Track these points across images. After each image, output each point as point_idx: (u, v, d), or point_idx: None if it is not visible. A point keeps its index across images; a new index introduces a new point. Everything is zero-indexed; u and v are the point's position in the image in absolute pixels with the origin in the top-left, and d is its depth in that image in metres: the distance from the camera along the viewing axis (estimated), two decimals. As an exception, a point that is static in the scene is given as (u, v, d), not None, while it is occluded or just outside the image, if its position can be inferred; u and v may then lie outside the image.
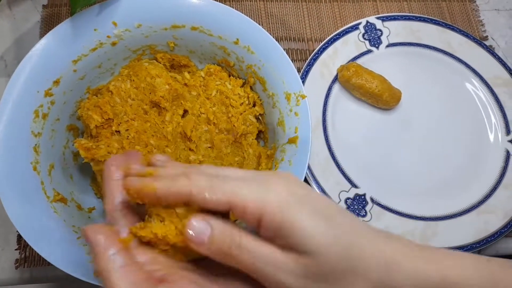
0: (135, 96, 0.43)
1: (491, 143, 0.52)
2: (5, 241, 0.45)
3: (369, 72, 0.52)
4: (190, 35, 0.45)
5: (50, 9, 0.56)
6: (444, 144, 0.52)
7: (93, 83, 0.46)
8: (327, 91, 0.53)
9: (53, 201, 0.39)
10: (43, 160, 0.40)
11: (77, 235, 0.37)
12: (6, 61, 0.53)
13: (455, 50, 0.56)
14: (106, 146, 0.41)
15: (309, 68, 0.52)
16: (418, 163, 0.51)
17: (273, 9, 0.59)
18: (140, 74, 0.44)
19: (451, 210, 0.49)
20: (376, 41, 0.55)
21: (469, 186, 0.50)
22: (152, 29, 0.45)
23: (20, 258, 0.44)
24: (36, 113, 0.40)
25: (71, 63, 0.42)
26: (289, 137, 0.42)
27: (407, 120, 0.53)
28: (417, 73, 0.55)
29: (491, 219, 0.48)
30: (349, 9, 0.60)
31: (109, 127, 0.42)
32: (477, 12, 0.61)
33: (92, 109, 0.42)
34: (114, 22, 0.43)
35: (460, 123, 0.53)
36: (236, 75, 0.48)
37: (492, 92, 0.54)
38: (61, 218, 0.38)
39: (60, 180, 0.42)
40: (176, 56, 0.48)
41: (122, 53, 0.46)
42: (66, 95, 0.43)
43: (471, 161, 0.52)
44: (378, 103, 0.52)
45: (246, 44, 0.44)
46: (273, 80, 0.44)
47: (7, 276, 0.44)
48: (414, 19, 0.57)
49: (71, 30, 0.42)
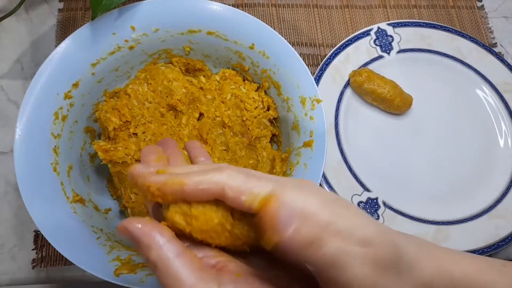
0: (152, 99, 0.44)
1: (501, 149, 0.53)
2: (22, 241, 0.46)
3: (381, 78, 0.52)
4: (206, 39, 0.46)
5: (66, 13, 0.57)
6: (454, 149, 0.53)
7: (110, 86, 0.47)
8: (339, 96, 0.53)
9: (72, 202, 0.39)
10: (62, 161, 0.41)
11: (97, 235, 0.38)
12: (23, 63, 0.54)
13: (465, 56, 0.56)
14: (123, 148, 0.42)
15: (321, 73, 0.53)
16: (429, 167, 0.52)
17: (285, 14, 0.59)
18: (157, 77, 0.45)
19: (462, 214, 0.49)
20: (387, 47, 0.56)
21: (480, 191, 0.51)
22: (169, 33, 0.45)
23: (37, 258, 0.45)
24: (56, 115, 0.41)
25: (90, 66, 0.43)
26: (305, 141, 0.42)
27: (418, 125, 0.54)
28: (428, 79, 0.56)
29: (502, 224, 0.49)
30: (360, 15, 0.60)
31: (127, 129, 0.43)
32: (486, 19, 0.62)
33: (111, 112, 0.43)
34: (133, 27, 0.44)
35: (470, 129, 0.54)
36: (250, 79, 0.48)
37: (502, 98, 0.55)
38: (80, 219, 0.38)
39: (78, 181, 0.42)
40: (191, 60, 0.49)
41: (139, 57, 0.47)
42: (84, 98, 0.44)
43: (482, 166, 0.52)
44: (389, 108, 0.53)
45: (261, 49, 0.45)
46: (288, 84, 0.45)
47: (24, 276, 0.44)
48: (424, 25, 0.57)
49: (91, 34, 0.42)
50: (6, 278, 0.44)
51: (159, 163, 0.26)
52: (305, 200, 0.21)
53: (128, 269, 0.34)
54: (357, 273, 0.20)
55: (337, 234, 0.20)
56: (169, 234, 0.21)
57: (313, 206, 0.20)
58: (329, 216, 0.20)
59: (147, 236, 0.20)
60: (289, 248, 0.20)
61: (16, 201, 0.47)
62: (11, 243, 0.45)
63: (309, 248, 0.20)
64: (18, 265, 0.45)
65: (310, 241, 0.20)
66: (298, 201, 0.20)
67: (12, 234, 0.46)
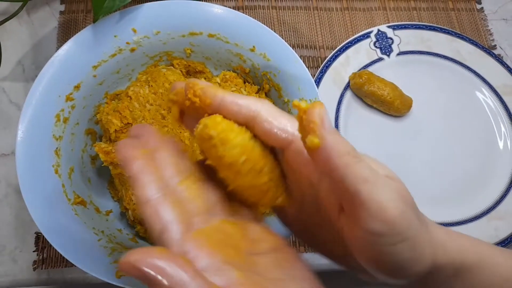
0: (153, 101, 0.44)
1: (501, 151, 0.53)
2: (23, 242, 0.46)
3: (381, 80, 0.53)
4: (207, 42, 0.46)
5: (67, 15, 0.57)
6: (454, 151, 0.53)
7: (111, 88, 0.47)
8: (339, 98, 0.53)
9: (73, 204, 0.39)
10: (64, 164, 0.41)
11: (98, 237, 0.38)
12: (24, 65, 0.54)
13: (464, 58, 0.57)
14: (125, 150, 0.42)
15: (322, 75, 0.53)
16: (428, 169, 0.52)
17: (285, 17, 0.60)
18: (158, 80, 0.45)
19: (461, 216, 0.50)
20: (387, 49, 0.56)
21: (479, 193, 0.51)
22: (170, 36, 0.46)
23: (38, 260, 0.45)
24: (58, 117, 0.41)
25: (92, 68, 0.43)
26: (305, 143, 0.42)
27: (418, 127, 0.54)
28: (428, 81, 0.56)
29: (501, 225, 0.49)
30: (360, 17, 0.61)
31: (128, 131, 0.43)
32: (485, 21, 0.62)
33: (112, 114, 0.43)
34: (134, 29, 0.44)
35: (470, 131, 0.54)
36: (251, 81, 0.49)
37: (501, 101, 0.55)
38: (82, 220, 0.38)
39: (79, 183, 0.43)
40: (192, 63, 0.49)
41: (140, 59, 0.47)
42: (85, 100, 0.44)
43: (481, 168, 0.52)
44: (389, 110, 0.53)
45: (262, 51, 0.45)
46: (289, 86, 0.45)
47: (25, 277, 0.44)
48: (424, 28, 0.58)
49: (93, 36, 0.43)
50: (7, 280, 0.44)
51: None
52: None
53: (129, 271, 0.35)
54: (392, 197, 0.20)
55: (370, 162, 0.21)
56: (191, 269, 0.17)
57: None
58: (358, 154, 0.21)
59: (164, 273, 0.17)
60: (333, 149, 0.20)
61: (17, 203, 0.47)
62: (12, 245, 0.46)
63: (348, 156, 0.20)
64: (19, 267, 0.45)
65: (349, 151, 0.20)
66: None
67: (13, 236, 0.46)
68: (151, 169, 0.22)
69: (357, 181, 0.20)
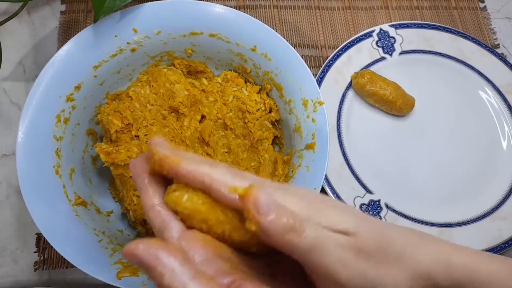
0: (154, 101, 0.44)
1: (504, 150, 0.53)
2: (24, 243, 0.46)
3: (383, 79, 0.52)
4: (208, 41, 0.46)
5: (68, 15, 0.57)
6: (457, 151, 0.53)
7: (112, 89, 0.47)
8: (341, 98, 0.53)
9: (74, 205, 0.39)
10: (65, 164, 0.41)
11: (99, 238, 0.38)
12: (25, 66, 0.54)
13: (467, 58, 0.56)
14: (126, 151, 0.42)
15: (324, 74, 0.53)
16: (432, 169, 0.52)
17: (287, 16, 0.59)
18: (159, 80, 0.45)
19: (465, 216, 0.49)
20: (389, 48, 0.56)
21: (483, 193, 0.51)
22: (171, 35, 0.45)
23: (39, 261, 0.45)
24: (58, 118, 0.41)
25: (92, 68, 0.43)
26: (307, 143, 0.42)
27: (421, 126, 0.53)
28: (430, 80, 0.56)
29: (504, 226, 0.48)
30: (362, 16, 0.60)
31: (129, 132, 0.43)
32: (488, 20, 0.62)
33: (113, 114, 0.43)
34: (135, 29, 0.44)
35: (473, 130, 0.54)
36: (252, 81, 0.48)
37: (505, 100, 0.55)
38: (82, 221, 0.38)
39: (80, 184, 0.42)
40: (193, 62, 0.49)
41: (141, 59, 0.47)
42: (86, 100, 0.44)
43: (484, 168, 0.52)
44: (392, 110, 0.53)
45: (263, 51, 0.45)
46: (290, 86, 0.44)
47: (26, 278, 0.44)
48: (426, 27, 0.57)
49: (93, 36, 0.42)
50: (9, 280, 0.44)
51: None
52: (284, 198, 0.21)
53: (130, 272, 0.34)
54: (339, 257, 0.20)
55: (317, 224, 0.21)
56: (180, 256, 0.20)
57: (292, 204, 0.21)
58: (308, 212, 0.21)
59: (158, 260, 0.19)
60: (271, 232, 0.20)
61: (18, 203, 0.47)
62: (13, 246, 0.45)
63: (289, 233, 0.20)
64: (20, 268, 0.45)
65: (290, 226, 0.20)
66: (277, 195, 0.21)
67: (14, 237, 0.46)
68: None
69: (303, 252, 0.20)
